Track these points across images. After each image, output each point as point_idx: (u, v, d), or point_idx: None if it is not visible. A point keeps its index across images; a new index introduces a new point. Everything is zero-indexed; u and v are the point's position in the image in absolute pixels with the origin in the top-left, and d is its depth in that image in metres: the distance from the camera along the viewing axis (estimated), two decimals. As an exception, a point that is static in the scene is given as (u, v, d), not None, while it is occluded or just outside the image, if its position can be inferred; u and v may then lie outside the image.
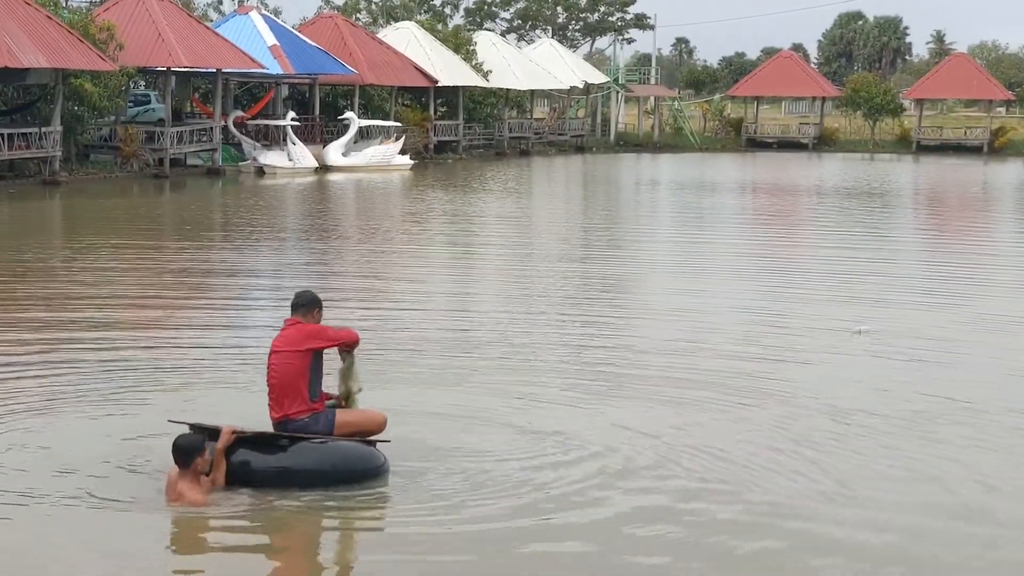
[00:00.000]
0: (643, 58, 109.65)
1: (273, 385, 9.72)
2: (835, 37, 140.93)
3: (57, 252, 24.94)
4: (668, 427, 11.66)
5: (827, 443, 11.26)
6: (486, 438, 11.13)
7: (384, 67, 57.59)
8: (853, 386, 13.55)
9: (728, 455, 10.79)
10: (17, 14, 39.72)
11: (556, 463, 10.40)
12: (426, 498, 9.42)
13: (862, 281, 22.32)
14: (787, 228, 33.83)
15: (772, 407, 12.52)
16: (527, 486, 9.82)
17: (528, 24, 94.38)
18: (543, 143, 73.45)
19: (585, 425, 11.70)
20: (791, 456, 10.84)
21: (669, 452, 10.87)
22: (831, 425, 11.89)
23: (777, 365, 14.62)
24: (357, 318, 17.69)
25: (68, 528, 8.81)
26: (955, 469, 10.65)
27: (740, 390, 13.22)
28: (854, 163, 66.95)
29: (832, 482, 10.17)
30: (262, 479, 9.29)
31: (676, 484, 10.03)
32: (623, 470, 10.34)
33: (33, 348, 14.85)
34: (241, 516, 9.00)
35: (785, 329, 17.06)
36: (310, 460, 9.40)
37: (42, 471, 9.89)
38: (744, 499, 9.73)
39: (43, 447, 10.59)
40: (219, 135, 48.03)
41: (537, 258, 25.39)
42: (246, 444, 9.36)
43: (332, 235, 29.48)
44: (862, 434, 11.61)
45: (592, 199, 43.97)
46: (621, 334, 16.76)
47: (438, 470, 10.11)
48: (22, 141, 39.55)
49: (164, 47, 45.06)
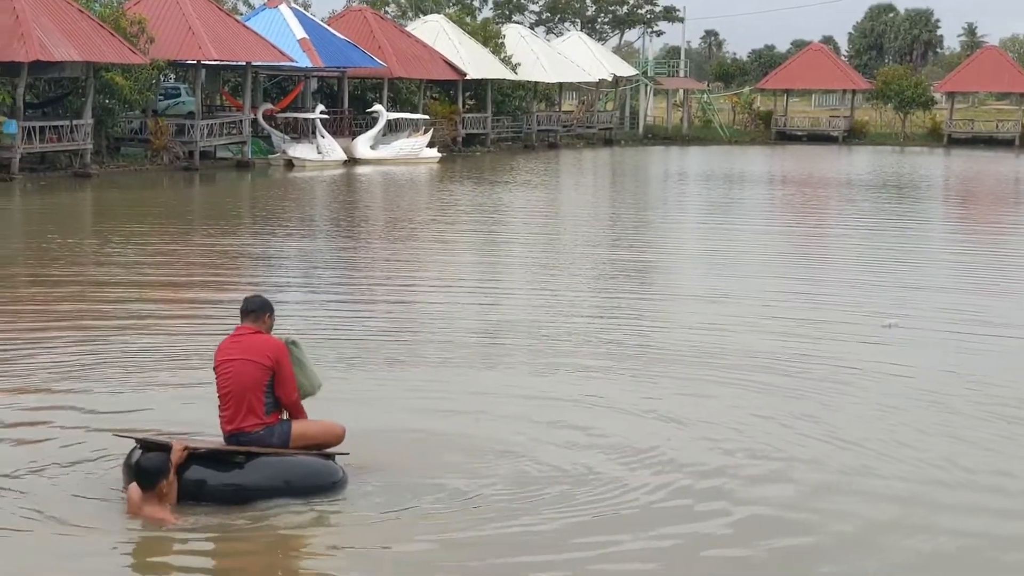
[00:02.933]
0: (672, 51, 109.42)
1: (226, 395, 9.10)
2: (866, 30, 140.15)
3: (88, 242, 25.07)
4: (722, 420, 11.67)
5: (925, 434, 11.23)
6: (509, 432, 11.09)
7: (413, 60, 57.64)
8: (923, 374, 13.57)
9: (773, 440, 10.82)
10: (49, 8, 39.95)
11: (598, 470, 10.03)
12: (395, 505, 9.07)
13: (894, 272, 22.27)
14: (817, 219, 33.72)
15: (834, 398, 12.49)
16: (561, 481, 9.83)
17: (557, 17, 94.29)
18: (571, 136, 73.39)
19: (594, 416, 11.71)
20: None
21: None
22: (935, 417, 11.86)
23: (824, 351, 14.62)
24: (385, 306, 17.80)
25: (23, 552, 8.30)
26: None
27: (788, 385, 13.16)
28: (884, 156, 66.65)
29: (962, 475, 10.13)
30: (215, 496, 8.77)
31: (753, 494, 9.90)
32: (674, 479, 10.18)
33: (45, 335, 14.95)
34: (196, 533, 8.49)
35: (822, 320, 17.01)
36: (264, 475, 8.89)
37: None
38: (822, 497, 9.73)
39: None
40: (248, 128, 48.17)
41: (566, 248, 25.40)
42: (198, 460, 8.80)
43: (361, 226, 29.57)
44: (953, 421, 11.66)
45: (621, 191, 43.94)
46: (654, 320, 16.78)
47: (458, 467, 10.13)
48: (54, 134, 39.78)
49: (194, 40, 45.23)
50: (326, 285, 20.02)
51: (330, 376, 12.67)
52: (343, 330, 15.87)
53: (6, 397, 11.98)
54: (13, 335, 15.07)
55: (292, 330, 12.90)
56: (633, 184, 47.60)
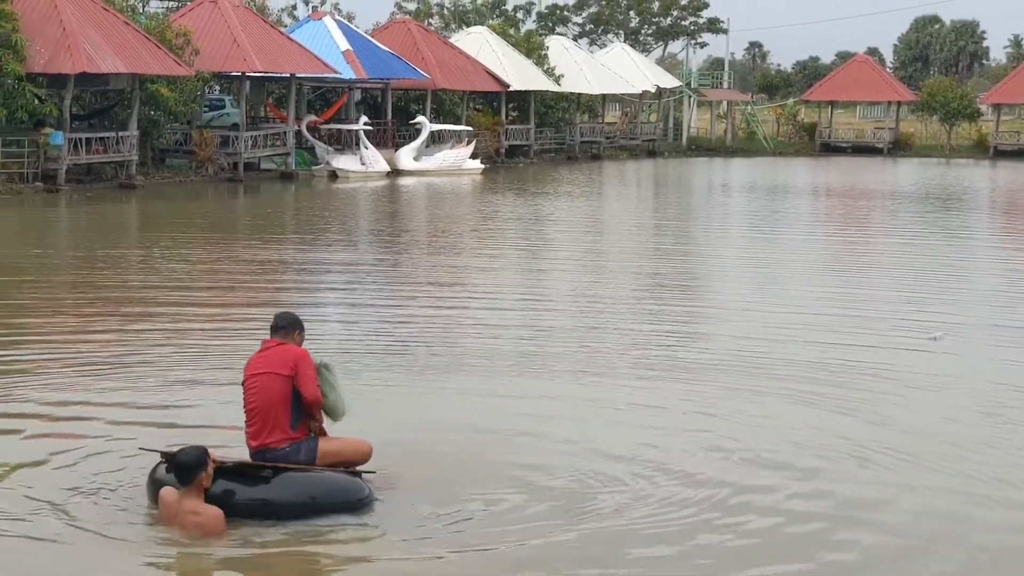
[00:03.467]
0: (716, 62, 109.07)
1: (251, 410, 9.00)
2: (911, 41, 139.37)
3: (133, 251, 25.22)
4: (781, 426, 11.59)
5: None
6: (550, 451, 10.99)
7: (456, 72, 57.74)
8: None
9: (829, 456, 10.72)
10: (96, 21, 40.29)
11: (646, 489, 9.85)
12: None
13: (940, 283, 22.09)
14: (861, 230, 33.47)
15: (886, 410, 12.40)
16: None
17: (600, 29, 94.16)
18: (614, 147, 73.29)
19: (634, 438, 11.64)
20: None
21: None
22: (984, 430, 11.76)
23: (872, 362, 14.51)
24: (429, 315, 17.78)
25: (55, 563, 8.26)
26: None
27: (835, 395, 13.08)
28: (930, 168, 66.15)
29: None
30: (241, 511, 8.61)
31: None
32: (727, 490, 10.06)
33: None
34: (223, 549, 8.35)
35: (869, 331, 16.86)
36: (291, 491, 8.74)
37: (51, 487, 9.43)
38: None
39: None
40: (292, 139, 48.37)
41: (610, 258, 25.34)
42: (224, 474, 8.65)
43: (404, 236, 29.60)
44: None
45: (664, 202, 43.81)
46: (699, 330, 16.69)
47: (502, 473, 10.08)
48: (99, 145, 40.08)
49: (239, 52, 45.49)
50: (369, 294, 20.02)
51: (371, 385, 12.71)
52: (385, 339, 15.86)
53: (46, 401, 12.04)
54: (57, 339, 15.15)
55: (335, 338, 12.94)
56: (676, 195, 47.45)
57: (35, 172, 37.97)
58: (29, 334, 15.86)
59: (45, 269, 22.65)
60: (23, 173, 37.66)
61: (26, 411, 11.75)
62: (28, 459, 10.15)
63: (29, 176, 37.76)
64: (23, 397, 12.27)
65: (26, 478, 9.68)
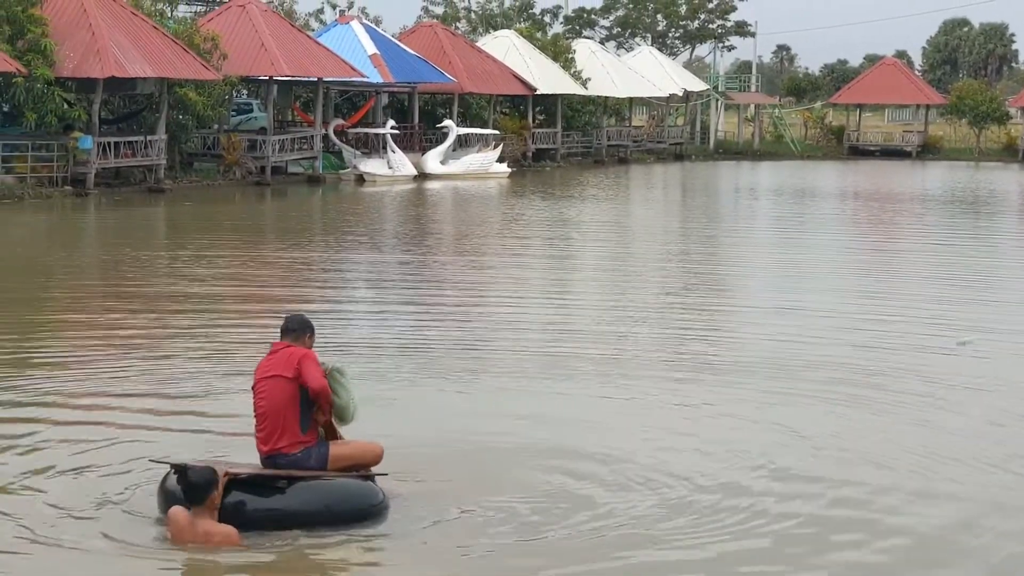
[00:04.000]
0: (743, 65, 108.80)
1: (261, 415, 8.88)
2: (940, 44, 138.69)
3: (161, 254, 25.29)
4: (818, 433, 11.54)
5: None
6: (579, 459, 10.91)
7: (483, 75, 57.74)
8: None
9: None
10: (125, 25, 40.44)
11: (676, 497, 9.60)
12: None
13: (970, 287, 21.97)
14: (890, 234, 33.31)
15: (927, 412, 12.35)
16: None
17: (627, 32, 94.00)
18: (641, 151, 73.14)
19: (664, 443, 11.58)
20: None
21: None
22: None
23: (905, 364, 14.44)
24: (458, 319, 17.76)
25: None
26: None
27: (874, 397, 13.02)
28: (959, 171, 65.77)
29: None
30: (255, 521, 8.53)
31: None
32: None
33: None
34: (239, 558, 8.27)
35: (899, 334, 16.77)
36: (305, 500, 8.66)
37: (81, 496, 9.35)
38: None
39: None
40: (320, 143, 48.43)
41: (638, 261, 25.27)
42: (238, 485, 8.56)
43: (431, 239, 29.60)
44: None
45: (691, 205, 43.72)
46: (729, 333, 16.62)
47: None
48: (128, 149, 40.21)
49: (267, 56, 45.57)
50: (395, 296, 20.03)
51: (395, 387, 12.70)
52: (412, 340, 15.86)
53: (72, 404, 12.07)
54: (87, 342, 15.20)
55: (363, 339, 12.91)
56: (704, 199, 47.34)
57: (64, 176, 38.12)
58: (53, 336, 15.93)
59: (74, 271, 22.75)
60: (52, 177, 37.81)
61: (48, 415, 11.79)
62: (40, 465, 10.14)
63: (58, 180, 37.91)
64: (46, 400, 12.32)
65: (43, 484, 9.67)
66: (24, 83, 36.36)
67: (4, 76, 36.66)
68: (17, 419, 11.46)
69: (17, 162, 37.35)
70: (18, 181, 36.75)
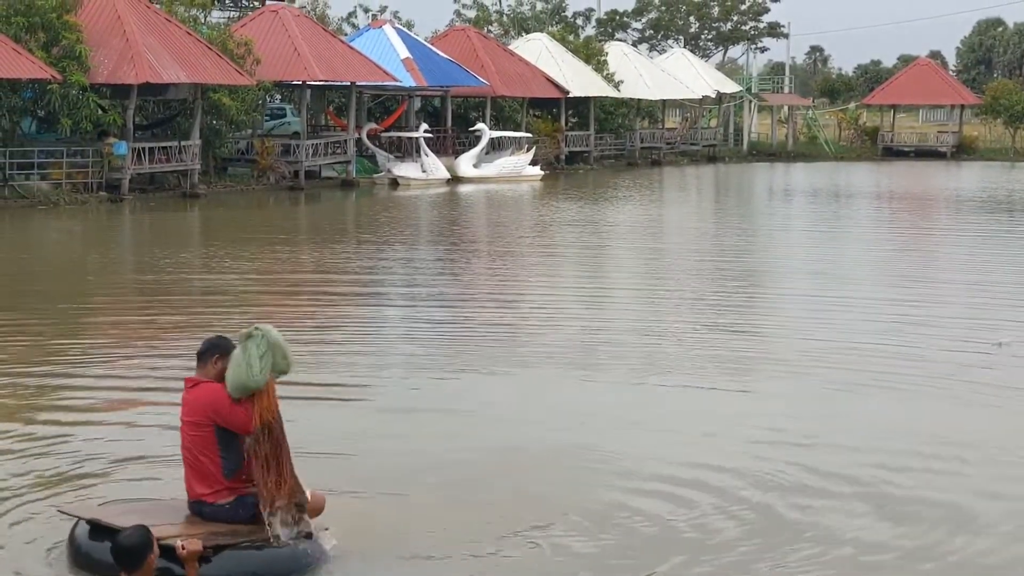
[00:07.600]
0: (776, 67, 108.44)
1: (184, 460, 8.14)
2: (974, 44, 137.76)
3: (197, 259, 25.37)
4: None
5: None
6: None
7: (515, 79, 57.74)
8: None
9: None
10: (159, 31, 40.64)
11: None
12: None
13: (1006, 288, 21.81)
14: (926, 235, 33.10)
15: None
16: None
17: (660, 34, 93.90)
18: (675, 153, 72.95)
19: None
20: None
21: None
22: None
23: (951, 364, 14.38)
24: (488, 320, 17.73)
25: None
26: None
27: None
28: (994, 171, 65.25)
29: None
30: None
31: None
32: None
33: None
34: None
35: (938, 334, 16.63)
36: (231, 571, 7.74)
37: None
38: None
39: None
40: (353, 147, 48.53)
41: (672, 262, 25.19)
42: (167, 553, 7.42)
43: (465, 242, 29.60)
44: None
45: (725, 207, 43.56)
46: (765, 333, 16.54)
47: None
48: (163, 155, 40.38)
49: (300, 61, 45.70)
50: (430, 298, 20.02)
51: (423, 384, 12.67)
52: (446, 339, 15.86)
53: (104, 407, 12.10)
54: (120, 344, 15.24)
55: (400, 338, 12.82)
56: (738, 200, 47.16)
57: (99, 182, 38.33)
58: (82, 343, 15.99)
59: (109, 274, 22.84)
60: (88, 183, 38.02)
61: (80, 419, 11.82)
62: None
63: (93, 186, 38.12)
64: (70, 404, 12.36)
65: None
66: (59, 89, 36.59)
67: (39, 83, 36.89)
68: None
69: (52, 168, 37.60)
70: (53, 187, 36.99)
